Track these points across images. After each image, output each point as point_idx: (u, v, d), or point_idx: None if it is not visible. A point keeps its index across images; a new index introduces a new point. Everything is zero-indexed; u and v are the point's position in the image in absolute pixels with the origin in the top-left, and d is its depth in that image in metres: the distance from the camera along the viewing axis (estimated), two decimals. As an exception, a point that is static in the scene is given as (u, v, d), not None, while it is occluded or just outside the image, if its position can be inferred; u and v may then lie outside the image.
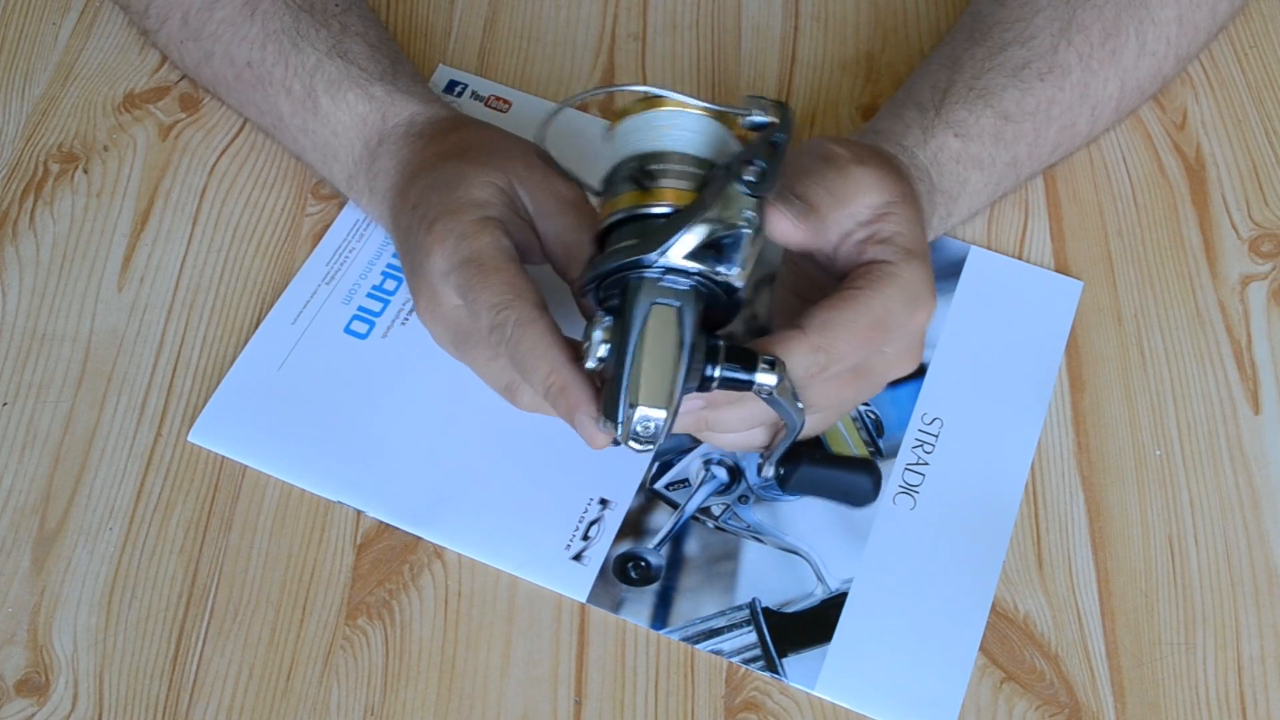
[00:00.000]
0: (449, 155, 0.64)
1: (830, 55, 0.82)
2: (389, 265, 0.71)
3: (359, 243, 0.72)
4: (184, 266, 0.72)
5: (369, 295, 0.70)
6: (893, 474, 0.65)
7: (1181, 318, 0.71)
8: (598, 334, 0.54)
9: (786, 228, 0.57)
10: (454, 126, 0.67)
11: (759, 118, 0.57)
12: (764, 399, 0.55)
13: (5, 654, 0.60)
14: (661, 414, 0.52)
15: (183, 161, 0.76)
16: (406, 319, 0.69)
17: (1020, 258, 0.73)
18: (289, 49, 0.70)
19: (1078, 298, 0.71)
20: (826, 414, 0.60)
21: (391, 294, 0.70)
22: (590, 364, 0.55)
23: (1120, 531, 0.64)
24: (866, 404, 0.67)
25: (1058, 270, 0.72)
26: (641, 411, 0.53)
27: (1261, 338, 0.70)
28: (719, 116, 0.58)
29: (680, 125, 0.58)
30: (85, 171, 0.75)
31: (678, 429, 0.60)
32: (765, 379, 0.54)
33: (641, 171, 0.57)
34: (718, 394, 0.56)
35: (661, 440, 0.53)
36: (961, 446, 0.66)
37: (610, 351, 0.54)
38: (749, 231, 0.55)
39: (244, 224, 0.73)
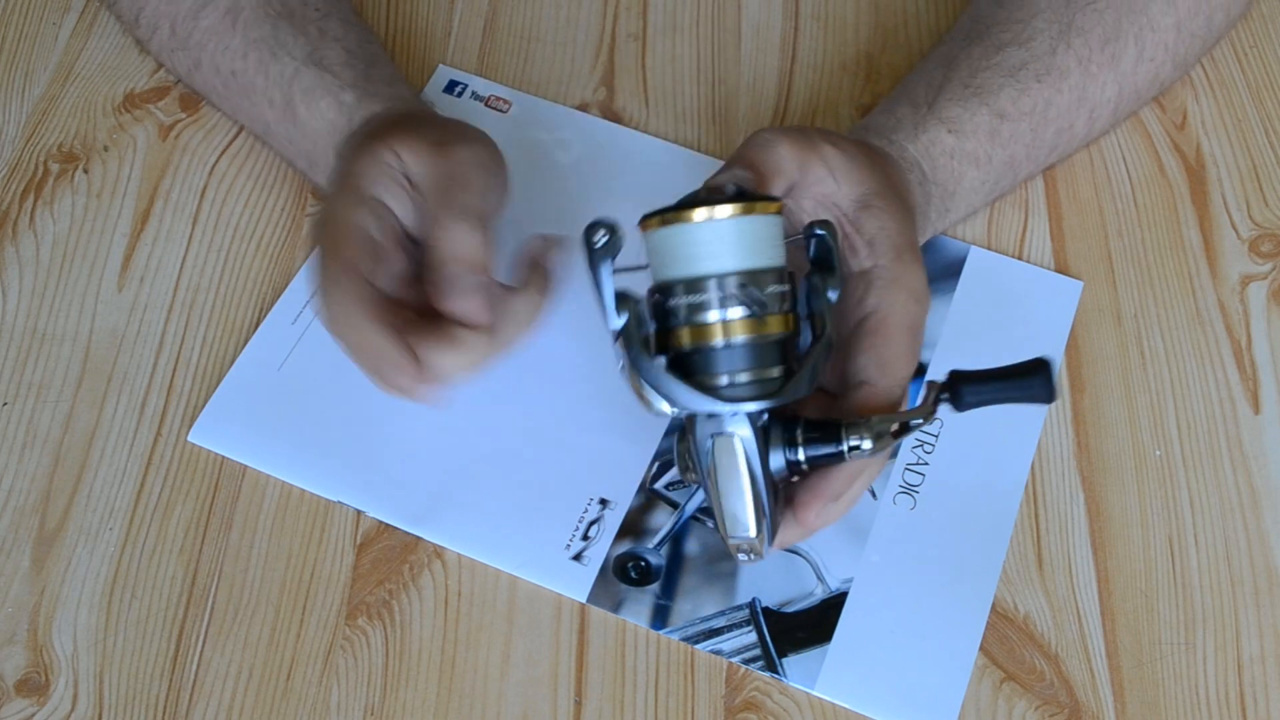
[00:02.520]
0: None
1: (830, 55, 0.82)
2: (389, 265, 0.71)
3: (359, 243, 0.72)
4: (184, 266, 0.72)
5: (369, 295, 0.70)
6: (893, 474, 0.65)
7: (1181, 318, 0.71)
8: (677, 450, 0.57)
9: None
10: (404, 114, 0.66)
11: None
12: (865, 458, 0.54)
13: (5, 654, 0.60)
14: (750, 535, 0.54)
15: (183, 161, 0.75)
16: (406, 319, 0.69)
17: (1020, 258, 0.73)
18: (268, 58, 0.69)
19: (1078, 297, 0.71)
20: None
21: (391, 294, 0.70)
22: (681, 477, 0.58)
23: (1120, 531, 0.64)
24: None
25: (1058, 270, 0.72)
26: (732, 540, 0.55)
27: (1261, 338, 0.70)
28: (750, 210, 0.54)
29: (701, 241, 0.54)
30: (85, 171, 0.75)
31: (819, 531, 0.61)
32: (857, 443, 0.54)
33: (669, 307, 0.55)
34: (830, 485, 0.55)
35: (769, 545, 0.55)
36: (961, 446, 0.66)
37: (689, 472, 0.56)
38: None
39: (244, 224, 0.73)
